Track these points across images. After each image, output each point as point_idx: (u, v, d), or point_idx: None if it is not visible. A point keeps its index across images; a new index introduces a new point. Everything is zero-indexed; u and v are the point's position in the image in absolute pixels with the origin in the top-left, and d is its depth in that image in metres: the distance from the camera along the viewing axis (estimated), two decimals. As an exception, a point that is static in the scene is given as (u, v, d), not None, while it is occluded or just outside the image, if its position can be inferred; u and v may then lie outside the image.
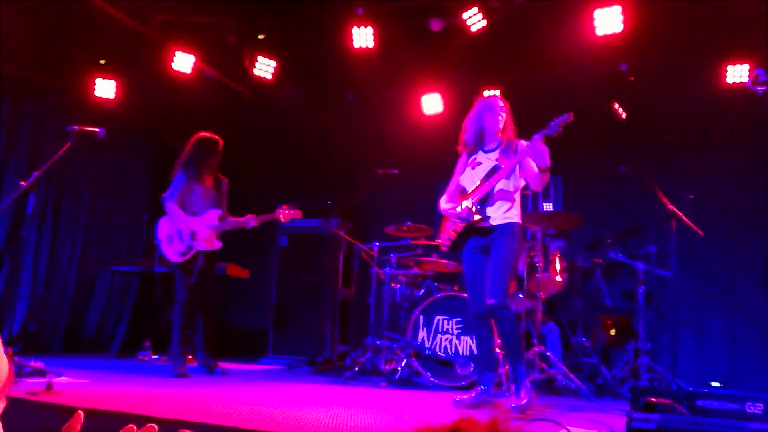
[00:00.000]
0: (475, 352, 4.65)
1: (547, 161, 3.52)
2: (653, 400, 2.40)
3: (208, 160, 4.82)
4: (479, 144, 3.92)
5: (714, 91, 5.69)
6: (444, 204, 4.00)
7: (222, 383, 4.31)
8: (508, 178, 3.74)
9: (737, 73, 5.60)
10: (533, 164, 3.67)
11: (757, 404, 2.37)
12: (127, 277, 6.90)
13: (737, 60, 5.59)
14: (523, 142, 3.75)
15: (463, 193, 3.90)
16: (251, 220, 4.81)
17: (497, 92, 4.12)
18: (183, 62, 5.97)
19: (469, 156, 3.96)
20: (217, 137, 4.88)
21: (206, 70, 6.51)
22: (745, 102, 5.13)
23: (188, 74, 6.08)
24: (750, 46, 5.50)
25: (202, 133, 4.88)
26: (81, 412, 0.90)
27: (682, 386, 4.78)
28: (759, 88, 2.93)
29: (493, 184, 3.72)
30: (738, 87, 5.52)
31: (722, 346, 5.65)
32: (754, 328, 5.48)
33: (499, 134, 3.87)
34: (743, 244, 5.62)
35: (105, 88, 6.32)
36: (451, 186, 4.05)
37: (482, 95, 4.20)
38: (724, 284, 5.68)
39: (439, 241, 3.99)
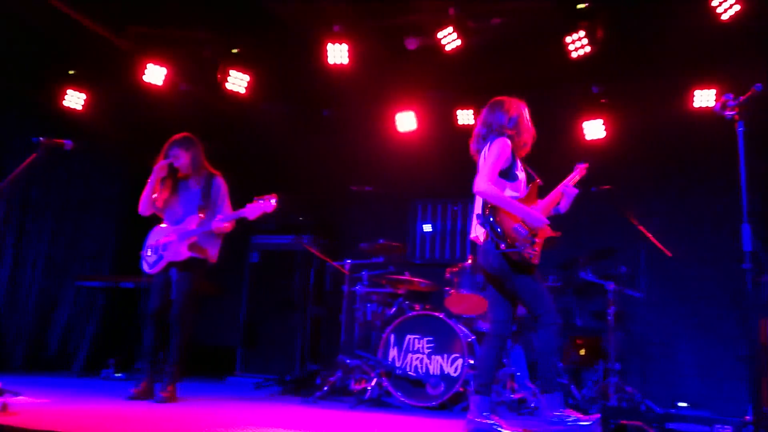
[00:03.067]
0: (446, 371, 4.62)
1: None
2: (624, 422, 2.38)
3: (187, 160, 4.44)
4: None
5: (682, 114, 5.79)
6: (509, 197, 3.39)
7: (186, 402, 4.19)
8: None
9: (704, 98, 5.72)
10: None
11: (726, 427, 2.37)
12: (92, 292, 6.73)
13: (704, 85, 5.71)
14: None
15: (524, 199, 3.50)
16: (224, 220, 4.30)
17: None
18: (155, 74, 5.89)
19: (515, 156, 3.55)
20: (191, 135, 4.50)
21: (179, 83, 6.44)
22: (713, 126, 5.23)
23: (161, 87, 6.00)
24: (716, 72, 5.62)
25: (176, 135, 4.51)
26: None
27: (652, 407, 4.79)
28: (727, 113, 2.97)
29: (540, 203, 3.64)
30: (705, 111, 5.63)
31: (691, 367, 5.70)
32: (724, 350, 5.53)
33: None
34: (713, 265, 5.69)
35: (74, 99, 6.20)
36: (495, 172, 3.43)
37: (523, 101, 3.70)
38: (695, 305, 5.74)
39: (529, 251, 3.31)
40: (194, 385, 5.59)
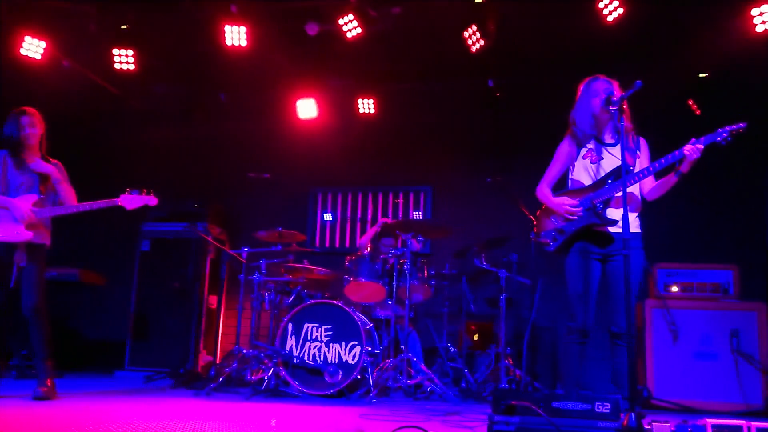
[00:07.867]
0: (344, 359, 4.62)
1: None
2: (513, 403, 2.47)
3: (26, 137, 4.05)
4: (594, 134, 3.51)
5: (570, 110, 6.07)
6: (548, 193, 3.59)
7: (68, 398, 3.94)
8: (637, 182, 3.38)
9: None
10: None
11: (606, 404, 2.52)
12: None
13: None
14: (641, 139, 3.49)
15: (578, 189, 3.48)
16: (80, 207, 4.00)
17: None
18: (33, 48, 5.46)
19: (580, 146, 3.53)
20: (33, 110, 4.11)
21: (62, 59, 6.01)
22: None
23: (40, 61, 5.58)
24: (601, 70, 5.93)
25: (20, 108, 4.11)
26: None
27: (539, 388, 5.04)
28: (612, 108, 3.16)
29: (619, 188, 3.25)
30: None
31: (575, 349, 6.02)
32: (603, 332, 5.88)
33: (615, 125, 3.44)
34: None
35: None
36: (551, 174, 3.66)
37: (588, 79, 3.63)
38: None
39: (543, 239, 3.64)
40: (78, 381, 5.28)
